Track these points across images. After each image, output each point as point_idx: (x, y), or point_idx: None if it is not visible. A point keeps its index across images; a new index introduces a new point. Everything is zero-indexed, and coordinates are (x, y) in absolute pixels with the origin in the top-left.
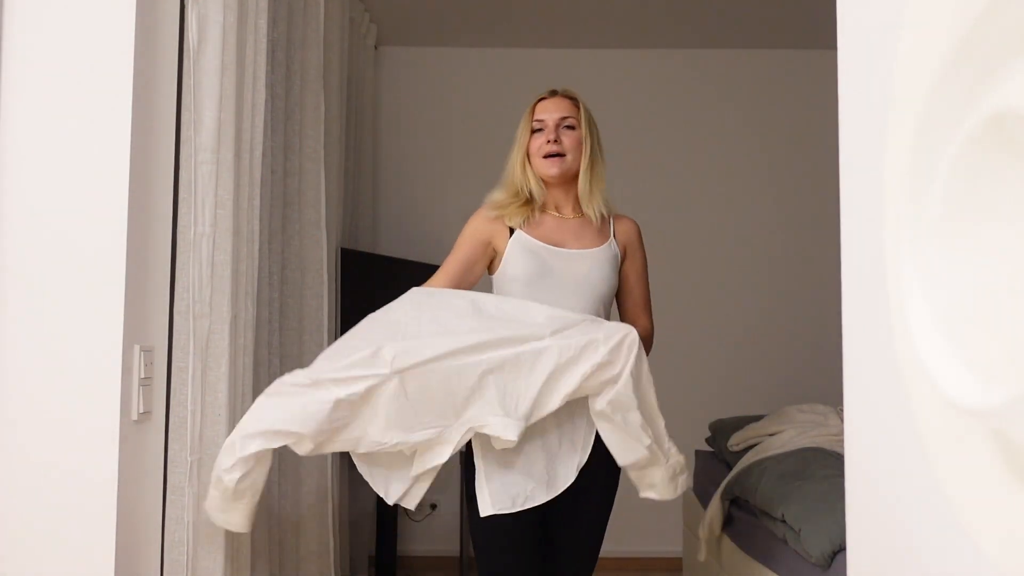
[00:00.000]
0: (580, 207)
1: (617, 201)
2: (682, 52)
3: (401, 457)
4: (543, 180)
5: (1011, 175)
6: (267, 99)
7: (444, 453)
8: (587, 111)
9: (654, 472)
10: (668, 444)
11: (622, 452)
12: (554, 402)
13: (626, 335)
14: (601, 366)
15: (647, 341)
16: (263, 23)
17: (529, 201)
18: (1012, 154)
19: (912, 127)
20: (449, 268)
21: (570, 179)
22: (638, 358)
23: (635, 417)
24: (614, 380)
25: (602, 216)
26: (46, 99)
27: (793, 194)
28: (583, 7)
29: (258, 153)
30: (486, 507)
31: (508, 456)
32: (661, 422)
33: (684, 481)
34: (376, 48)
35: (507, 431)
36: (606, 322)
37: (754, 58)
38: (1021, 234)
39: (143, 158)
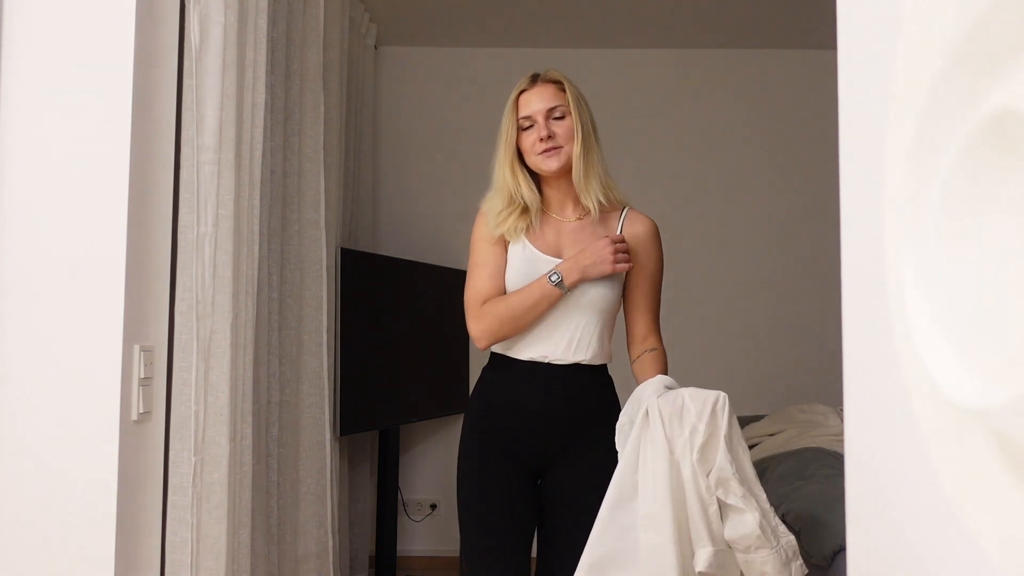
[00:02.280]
0: (580, 203)
1: None
2: (682, 52)
3: None
4: (540, 177)
5: (1012, 175)
6: (267, 99)
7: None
8: (574, 92)
9: (764, 557)
10: (775, 521)
11: (729, 526)
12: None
13: (717, 399)
14: (694, 431)
15: (663, 365)
16: (263, 23)
17: (527, 208)
18: (1013, 154)
19: (912, 127)
20: (486, 274)
21: (568, 172)
22: (730, 422)
23: (735, 487)
24: (712, 448)
25: (603, 207)
26: (46, 99)
27: (793, 194)
28: (583, 7)
29: (258, 153)
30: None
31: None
32: (763, 495)
33: (799, 569)
34: (376, 48)
35: (701, 562)
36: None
37: (754, 58)
38: (1021, 234)
39: (143, 158)
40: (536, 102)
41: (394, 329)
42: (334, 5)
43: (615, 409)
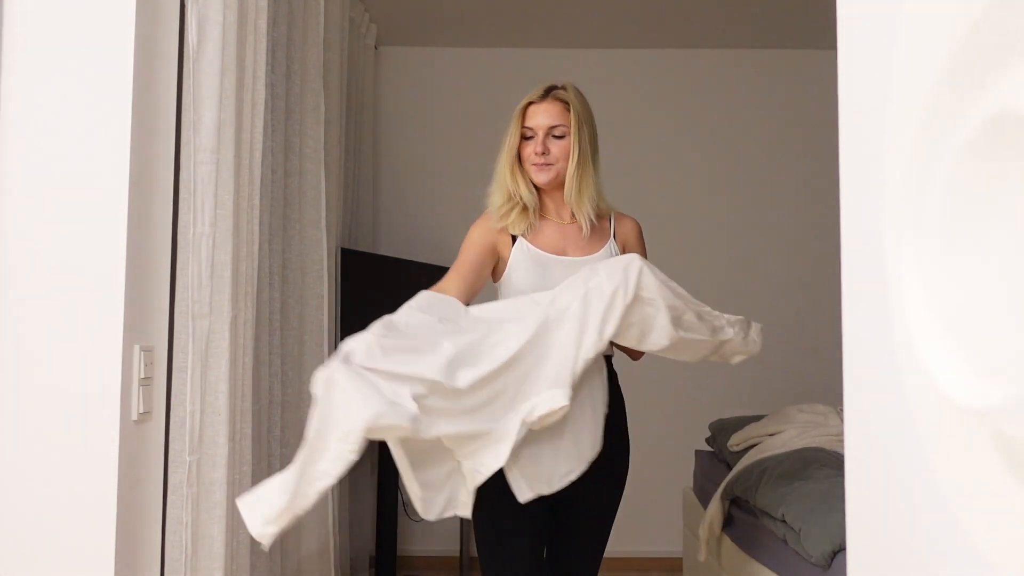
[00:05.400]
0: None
1: (616, 201)
2: (682, 52)
3: (445, 469)
4: (535, 185)
5: (1011, 175)
6: (267, 99)
7: (502, 453)
8: (578, 113)
9: (726, 346)
10: (722, 320)
11: (691, 356)
12: (589, 348)
13: (627, 263)
14: (616, 302)
15: (639, 355)
16: (263, 23)
17: (527, 207)
18: (1012, 154)
19: (912, 127)
20: (460, 270)
21: (560, 185)
22: (639, 279)
23: (663, 319)
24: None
25: (597, 216)
26: (47, 99)
27: (793, 194)
28: (583, 7)
29: (258, 153)
30: (523, 492)
31: (535, 436)
32: (705, 307)
33: (757, 331)
34: (376, 48)
35: (555, 400)
36: (602, 265)
37: (754, 58)
38: (1021, 234)
39: (143, 158)
40: (540, 117)
41: None
42: (334, 5)
43: (622, 406)
